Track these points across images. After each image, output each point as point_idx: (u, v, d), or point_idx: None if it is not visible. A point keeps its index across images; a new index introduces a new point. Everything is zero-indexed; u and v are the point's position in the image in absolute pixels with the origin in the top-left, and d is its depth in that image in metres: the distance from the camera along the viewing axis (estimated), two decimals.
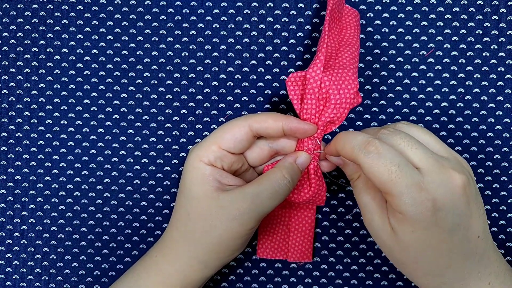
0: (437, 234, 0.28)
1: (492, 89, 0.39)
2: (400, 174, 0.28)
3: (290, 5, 0.40)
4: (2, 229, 0.41)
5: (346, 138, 0.30)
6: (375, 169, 0.28)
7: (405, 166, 0.28)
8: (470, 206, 0.29)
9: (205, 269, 0.34)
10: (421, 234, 0.28)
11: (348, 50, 0.35)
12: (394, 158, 0.28)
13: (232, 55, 0.40)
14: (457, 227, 0.29)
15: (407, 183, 0.28)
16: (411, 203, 0.28)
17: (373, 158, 0.28)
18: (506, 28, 0.39)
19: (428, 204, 0.28)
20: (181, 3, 0.40)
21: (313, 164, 0.34)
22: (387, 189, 0.28)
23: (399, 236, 0.29)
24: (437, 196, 0.28)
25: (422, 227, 0.28)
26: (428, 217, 0.28)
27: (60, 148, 0.41)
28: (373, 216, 0.31)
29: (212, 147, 0.33)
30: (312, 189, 0.34)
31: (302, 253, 0.39)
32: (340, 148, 0.30)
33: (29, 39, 0.41)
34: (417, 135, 0.31)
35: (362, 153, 0.29)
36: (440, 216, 0.28)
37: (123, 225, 0.41)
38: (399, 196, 0.28)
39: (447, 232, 0.28)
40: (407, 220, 0.28)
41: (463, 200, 0.29)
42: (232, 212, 0.31)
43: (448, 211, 0.28)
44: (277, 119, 0.32)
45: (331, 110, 0.32)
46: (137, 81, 0.40)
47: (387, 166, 0.28)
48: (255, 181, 0.33)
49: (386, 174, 0.28)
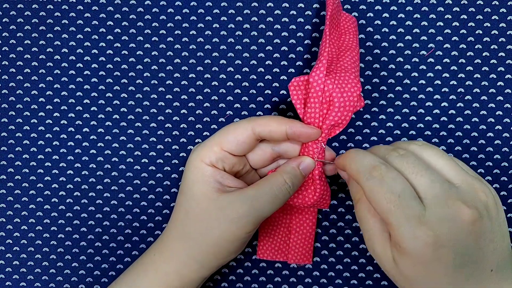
0: (440, 268, 0.27)
1: (492, 89, 0.39)
2: (399, 205, 0.26)
3: (290, 5, 0.40)
4: (2, 229, 0.41)
5: (354, 157, 0.29)
6: (375, 196, 0.27)
7: (406, 196, 0.27)
8: (480, 241, 0.27)
9: (202, 269, 0.34)
10: (422, 268, 0.27)
11: (349, 54, 0.35)
12: (396, 187, 0.27)
13: (232, 55, 0.40)
14: (463, 264, 0.27)
15: (406, 215, 0.26)
16: (409, 237, 0.26)
17: (374, 184, 0.27)
18: (506, 28, 0.39)
19: (428, 240, 0.26)
20: (181, 3, 0.40)
21: (318, 169, 0.34)
22: (385, 219, 0.27)
23: (400, 267, 0.28)
24: (440, 232, 0.26)
25: (423, 262, 0.27)
26: (428, 253, 0.26)
27: (60, 148, 0.41)
28: (374, 243, 0.29)
29: (214, 148, 0.32)
30: (317, 194, 0.34)
31: (303, 255, 0.39)
32: (347, 166, 0.30)
33: (29, 39, 0.41)
34: (430, 158, 0.29)
35: (365, 177, 0.28)
36: (443, 253, 0.26)
37: (123, 225, 0.41)
38: (397, 228, 0.26)
39: (451, 268, 0.27)
40: (407, 254, 0.27)
41: (471, 236, 0.27)
42: (231, 214, 0.31)
43: (452, 248, 0.26)
44: (281, 122, 0.32)
45: (335, 114, 0.32)
46: (137, 81, 0.40)
47: (387, 194, 0.27)
48: (256, 184, 0.32)
49: (385, 203, 0.27)
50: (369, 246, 0.30)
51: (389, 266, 0.29)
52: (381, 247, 0.29)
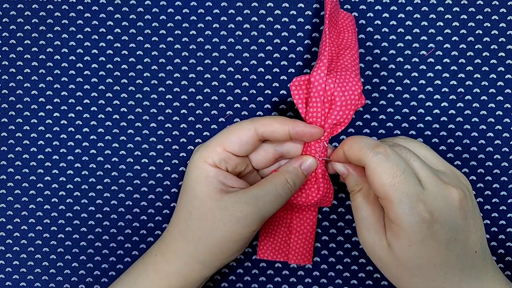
0: (433, 247, 0.28)
1: (492, 89, 0.39)
2: (403, 181, 0.28)
3: (290, 5, 0.40)
4: (2, 229, 0.41)
5: (355, 139, 0.30)
6: (380, 170, 0.28)
7: (409, 174, 0.28)
8: (467, 221, 0.29)
9: (204, 269, 0.34)
10: (417, 247, 0.28)
11: (348, 53, 0.35)
12: (400, 163, 0.28)
13: (232, 55, 0.40)
14: (453, 241, 0.29)
15: (408, 191, 0.28)
16: (408, 213, 0.27)
17: (381, 158, 0.28)
18: (506, 28, 0.39)
19: (425, 216, 0.28)
20: (181, 3, 0.40)
21: (321, 168, 0.34)
22: (387, 194, 0.28)
23: (395, 251, 0.29)
24: (435, 209, 0.28)
25: (418, 240, 0.28)
26: (424, 228, 0.28)
27: (60, 148, 0.41)
28: (369, 231, 0.30)
29: (217, 149, 0.32)
30: (321, 192, 0.34)
31: (303, 255, 0.39)
32: (347, 148, 0.30)
33: (29, 39, 0.41)
34: (415, 149, 0.31)
35: (372, 153, 0.29)
36: (437, 228, 0.28)
37: (123, 225, 0.41)
38: (398, 204, 0.28)
39: (443, 246, 0.28)
40: (403, 232, 0.28)
41: (460, 214, 0.29)
42: (235, 214, 0.31)
43: (445, 225, 0.28)
44: (284, 123, 0.32)
45: (337, 112, 0.32)
46: (137, 81, 0.40)
47: (393, 169, 0.28)
48: (258, 184, 0.33)
49: (391, 177, 0.28)
50: (364, 236, 0.31)
51: (382, 252, 0.30)
52: (376, 234, 0.30)
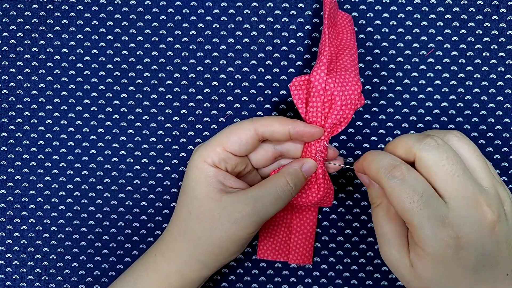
0: (459, 272, 0.27)
1: (492, 89, 0.39)
2: (422, 205, 0.26)
3: (290, 5, 0.40)
4: (2, 229, 0.41)
5: (373, 158, 0.29)
6: (397, 195, 0.27)
7: (429, 197, 0.27)
8: (499, 245, 0.27)
9: (204, 269, 0.34)
10: (441, 270, 0.27)
11: (347, 53, 0.35)
12: (418, 187, 0.27)
13: (232, 55, 0.40)
14: (481, 266, 0.27)
15: (428, 215, 0.26)
16: (431, 237, 0.26)
17: (397, 183, 0.27)
18: (506, 28, 0.39)
19: (450, 242, 0.26)
20: (181, 3, 0.40)
21: (321, 168, 0.34)
22: (407, 219, 0.27)
23: (418, 271, 0.28)
24: (462, 234, 0.26)
25: (443, 264, 0.27)
26: (449, 254, 0.27)
27: (60, 148, 0.41)
28: (390, 248, 0.29)
29: (217, 149, 0.32)
30: (321, 193, 0.34)
31: (303, 255, 0.39)
32: (366, 167, 0.30)
33: (29, 39, 0.41)
34: (466, 155, 0.29)
35: (386, 177, 0.28)
36: (463, 255, 0.27)
37: (123, 225, 0.41)
38: (419, 228, 0.27)
39: (470, 270, 0.27)
40: (427, 255, 0.27)
41: (491, 239, 0.27)
42: (234, 214, 0.31)
43: (473, 251, 0.27)
44: (284, 123, 0.32)
45: (337, 112, 0.32)
46: (137, 81, 0.40)
47: (410, 194, 0.27)
48: (258, 185, 0.33)
49: (408, 202, 0.27)
50: (385, 251, 0.30)
51: (404, 270, 0.29)
52: (398, 252, 0.29)
